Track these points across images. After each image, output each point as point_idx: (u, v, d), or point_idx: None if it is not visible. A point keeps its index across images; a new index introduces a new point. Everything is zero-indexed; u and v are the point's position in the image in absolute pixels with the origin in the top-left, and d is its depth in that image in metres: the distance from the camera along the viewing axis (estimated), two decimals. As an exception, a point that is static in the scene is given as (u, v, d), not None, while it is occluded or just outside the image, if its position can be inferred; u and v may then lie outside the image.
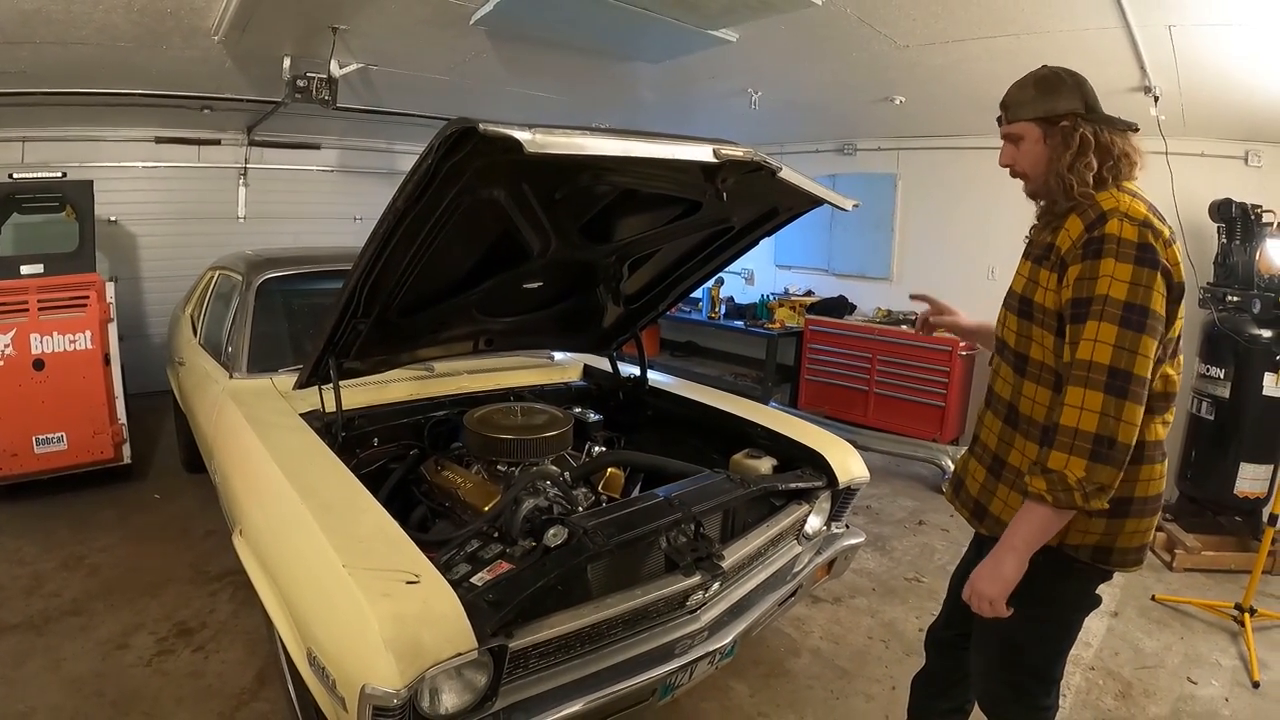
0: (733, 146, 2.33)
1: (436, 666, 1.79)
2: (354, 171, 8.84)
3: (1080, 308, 1.78)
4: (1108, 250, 1.75)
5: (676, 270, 3.62)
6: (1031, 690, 2.15)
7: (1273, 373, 4.72)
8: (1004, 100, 2.04)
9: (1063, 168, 1.90)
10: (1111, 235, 1.76)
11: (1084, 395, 1.73)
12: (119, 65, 5.27)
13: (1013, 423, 2.04)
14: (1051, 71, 1.97)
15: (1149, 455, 1.91)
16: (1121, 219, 1.77)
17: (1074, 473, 1.73)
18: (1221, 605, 4.19)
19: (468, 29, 4.59)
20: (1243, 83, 4.47)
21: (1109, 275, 1.74)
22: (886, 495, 5.97)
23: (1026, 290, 1.99)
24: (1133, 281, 1.73)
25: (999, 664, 2.17)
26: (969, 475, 2.21)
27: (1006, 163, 2.08)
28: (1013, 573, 1.86)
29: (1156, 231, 1.77)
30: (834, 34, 4.58)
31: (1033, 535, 1.85)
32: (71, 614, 3.74)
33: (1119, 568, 1.98)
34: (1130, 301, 1.72)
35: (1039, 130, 1.96)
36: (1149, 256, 1.74)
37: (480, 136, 1.83)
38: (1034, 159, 1.99)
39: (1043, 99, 1.94)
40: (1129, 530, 1.93)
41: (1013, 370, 2.05)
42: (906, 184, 7.73)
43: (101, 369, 5.08)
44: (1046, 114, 1.94)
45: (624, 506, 2.56)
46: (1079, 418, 1.73)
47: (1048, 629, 2.04)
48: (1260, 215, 5.04)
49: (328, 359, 2.95)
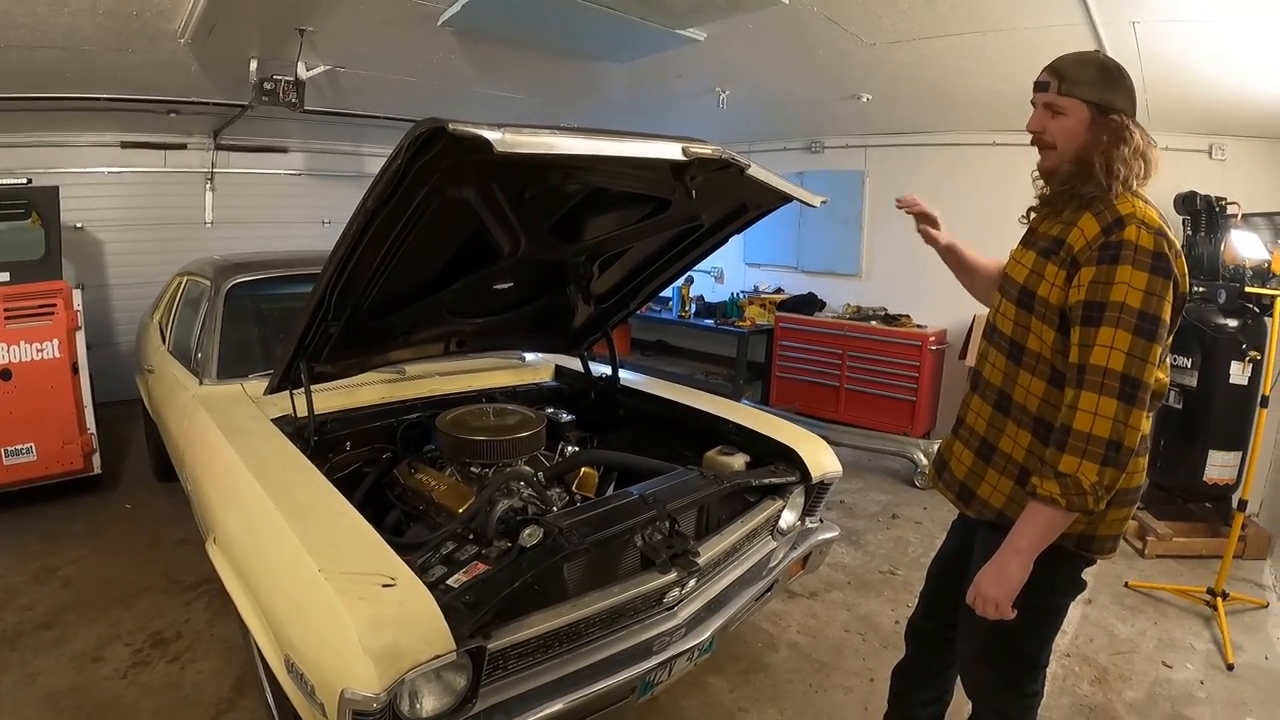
0: (701, 144, 2.34)
1: (415, 669, 1.79)
2: (322, 175, 8.77)
3: (1093, 311, 1.79)
4: (1125, 257, 1.77)
5: (647, 269, 3.63)
6: (1020, 677, 2.18)
7: (1239, 361, 4.79)
8: (1058, 69, 1.98)
9: (1114, 159, 1.89)
10: (1129, 242, 1.78)
11: (1098, 401, 1.75)
12: (84, 69, 5.22)
13: (1004, 409, 2.06)
14: (1114, 64, 1.96)
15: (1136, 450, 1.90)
16: (1139, 226, 1.79)
17: (1087, 476, 1.75)
18: (1194, 590, 4.26)
19: (435, 30, 4.58)
20: (1206, 77, 4.54)
21: (1126, 283, 1.76)
22: (859, 490, 6.01)
23: (1029, 282, 2.00)
24: (1148, 290, 1.75)
25: (989, 652, 2.19)
26: (954, 458, 2.23)
27: (1037, 129, 2.02)
28: (1019, 575, 1.88)
29: (1170, 241, 1.79)
30: (801, 32, 4.60)
31: (1040, 537, 1.87)
32: (45, 627, 3.69)
33: (1099, 554, 2.03)
34: (1145, 310, 1.75)
35: (1089, 114, 1.93)
36: (1164, 266, 1.76)
37: (449, 136, 1.83)
38: (1072, 137, 1.95)
39: (1104, 86, 1.92)
40: (1110, 519, 1.97)
41: (1006, 357, 2.06)
42: (874, 180, 7.78)
43: (70, 378, 5.01)
44: (1103, 102, 1.92)
45: (598, 505, 2.56)
46: (1092, 423, 1.75)
47: (1037, 616, 2.06)
48: (1225, 207, 5.12)
49: (299, 363, 2.93)
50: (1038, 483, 1.82)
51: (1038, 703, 2.22)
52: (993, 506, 2.07)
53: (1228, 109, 5.06)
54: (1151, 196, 1.96)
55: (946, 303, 6.65)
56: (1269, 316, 4.36)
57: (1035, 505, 1.85)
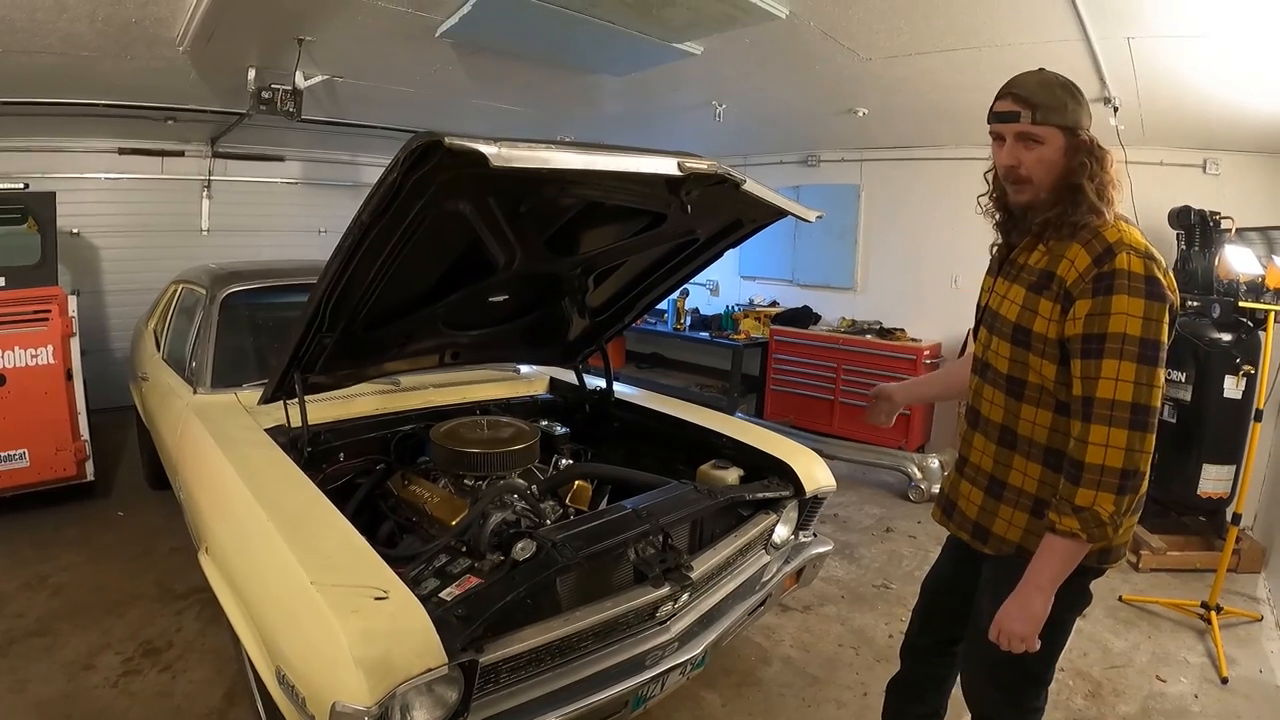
0: (697, 159, 2.34)
1: (407, 683, 1.78)
2: (318, 184, 8.79)
3: (1094, 344, 1.79)
4: (1119, 286, 1.76)
5: (642, 282, 3.64)
6: (1025, 693, 2.18)
7: (1233, 375, 4.80)
8: (1026, 97, 1.88)
9: (1105, 182, 1.87)
10: (1122, 270, 1.76)
11: (1109, 433, 1.75)
12: (83, 75, 5.22)
13: (1010, 444, 2.05)
14: (1068, 79, 1.90)
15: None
16: (1129, 252, 1.78)
17: (1105, 508, 1.76)
18: (1188, 604, 4.27)
19: (433, 41, 4.59)
20: (1200, 92, 4.57)
21: (1124, 313, 1.75)
22: (854, 503, 6.00)
23: (1023, 319, 1.96)
24: (1145, 316, 1.74)
25: (994, 671, 2.18)
26: (962, 498, 2.22)
27: (1013, 163, 1.94)
28: (1042, 609, 1.88)
29: (1158, 262, 1.79)
30: (798, 47, 4.62)
31: (1061, 571, 1.87)
32: (36, 635, 3.68)
33: (1111, 564, 2.04)
34: (1145, 337, 1.74)
35: (1064, 140, 1.88)
36: (1157, 290, 1.76)
37: (445, 150, 1.84)
38: (1050, 167, 1.90)
39: (1074, 108, 1.88)
40: (1124, 529, 1.91)
41: (1005, 394, 2.05)
42: (869, 195, 7.81)
43: (64, 384, 5.00)
44: (1075, 125, 1.88)
45: (592, 519, 2.56)
46: (1105, 455, 1.75)
47: (1046, 633, 2.01)
48: (1218, 222, 5.14)
49: (293, 374, 2.93)
50: (1056, 519, 1.82)
51: (1041, 718, 2.23)
52: (1011, 541, 2.06)
53: (1222, 124, 5.09)
54: (1145, 212, 1.97)
55: (941, 317, 6.68)
56: (1263, 331, 4.37)
57: (1055, 540, 1.84)
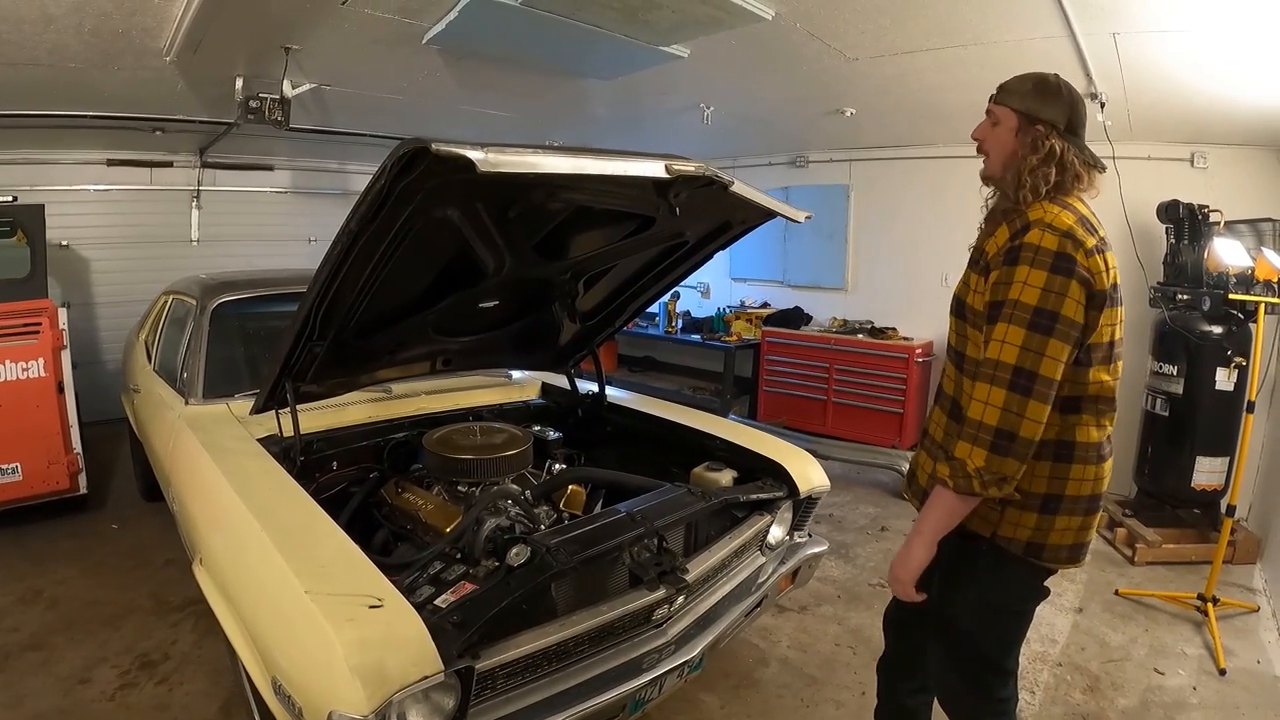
0: (684, 162, 2.34)
1: (403, 690, 1.78)
2: (307, 192, 8.78)
3: (995, 310, 1.89)
4: (1024, 258, 1.85)
5: (632, 286, 3.64)
6: (987, 681, 2.20)
7: (1224, 368, 4.83)
8: (1002, 84, 2.09)
9: (1025, 168, 1.98)
10: (1030, 244, 1.85)
11: (989, 391, 1.84)
12: (70, 86, 5.22)
13: (957, 417, 2.09)
14: (1056, 81, 2.03)
15: (1080, 456, 1.98)
16: (1044, 229, 1.86)
17: (974, 461, 1.84)
18: (1184, 596, 4.29)
19: (420, 48, 4.60)
20: (1186, 86, 4.59)
21: (1022, 281, 1.83)
22: (848, 503, 6.01)
23: (960, 292, 2.11)
24: (1045, 288, 1.81)
25: (952, 653, 2.23)
26: (919, 467, 2.29)
27: (978, 136, 2.15)
28: (920, 556, 2.00)
29: (1078, 242, 1.85)
30: (784, 48, 4.63)
31: (938, 520, 1.98)
32: (31, 649, 3.66)
33: (1053, 564, 2.04)
34: (1041, 306, 1.81)
35: (1016, 121, 2.02)
36: (1065, 265, 1.82)
37: (432, 156, 1.83)
38: (1001, 144, 2.06)
39: (1034, 98, 2.01)
40: (1060, 528, 1.99)
41: (955, 368, 2.14)
42: (859, 194, 7.82)
43: (55, 397, 4.98)
44: (1029, 112, 2.00)
45: (586, 523, 2.56)
46: (983, 411, 1.84)
47: (999, 617, 2.12)
48: (1207, 215, 5.16)
49: (284, 383, 2.92)
50: (936, 466, 1.96)
51: (1011, 708, 2.24)
52: None
53: (1209, 117, 5.11)
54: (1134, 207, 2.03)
55: (932, 315, 6.66)
56: (1253, 322, 4.39)
57: (936, 489, 1.97)
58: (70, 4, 3.81)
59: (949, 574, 2.13)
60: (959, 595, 2.13)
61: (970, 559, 2.08)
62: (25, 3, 3.76)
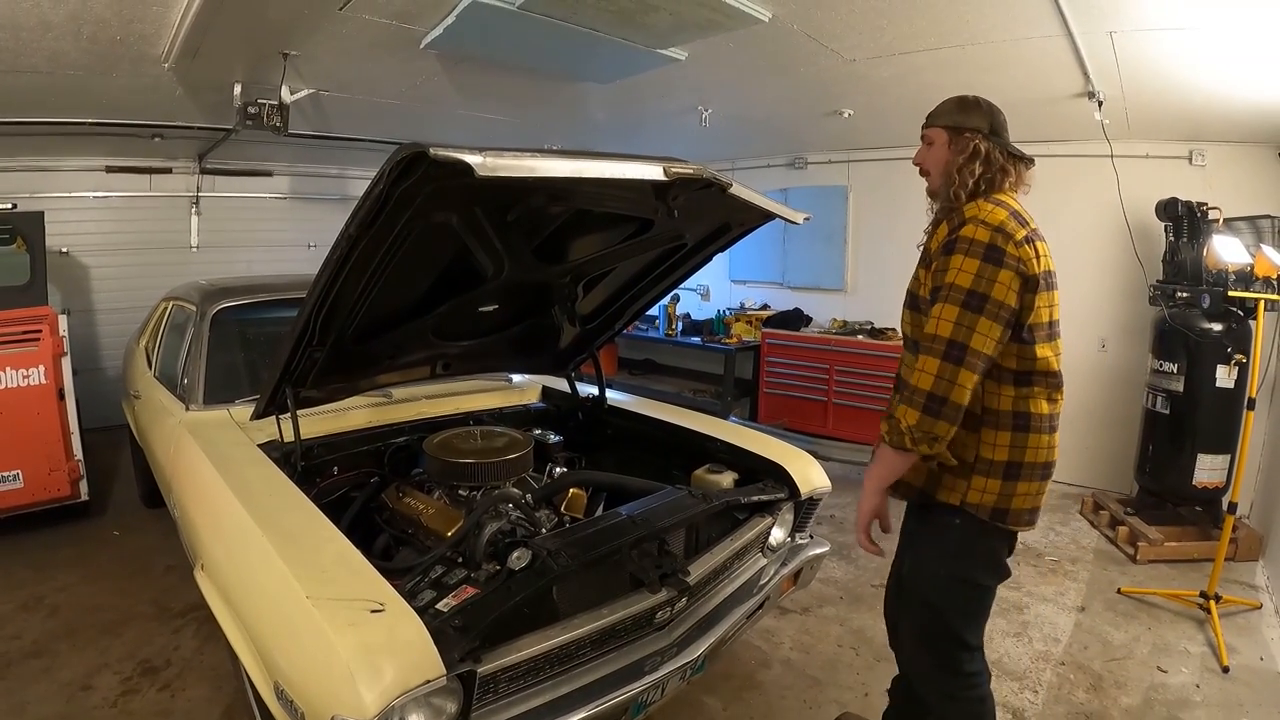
0: (683, 164, 2.34)
1: (405, 695, 1.77)
2: (306, 198, 8.80)
3: (935, 294, 2.13)
4: (959, 248, 2.10)
5: (632, 288, 3.64)
6: (954, 657, 2.37)
7: (1224, 365, 4.83)
8: (930, 112, 2.40)
9: (954, 167, 2.25)
10: (965, 237, 2.10)
11: (925, 360, 2.08)
12: (69, 93, 5.23)
13: None
14: (973, 98, 2.35)
15: (1035, 426, 2.19)
16: (977, 224, 2.11)
17: (907, 420, 2.09)
18: (1187, 594, 4.28)
19: (418, 53, 4.61)
20: (1184, 84, 4.59)
21: (957, 268, 2.08)
22: (849, 504, 5.97)
23: (912, 286, 2.35)
24: (977, 274, 2.06)
25: (921, 633, 2.44)
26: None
27: (918, 161, 2.43)
28: (869, 507, 2.30)
29: (1008, 235, 2.09)
30: (782, 50, 4.64)
31: (881, 473, 2.25)
32: (33, 656, 3.66)
33: (1015, 526, 2.26)
34: (973, 289, 2.05)
35: (946, 136, 2.32)
36: (995, 256, 2.07)
37: (431, 161, 1.83)
38: (937, 160, 2.34)
39: (958, 113, 2.32)
40: (1021, 492, 2.21)
41: (911, 354, 2.30)
42: (857, 195, 7.84)
43: (56, 404, 4.99)
44: (956, 125, 2.30)
45: (587, 526, 2.56)
46: (918, 378, 2.08)
47: (964, 589, 2.32)
48: (1206, 212, 5.16)
49: (284, 388, 2.92)
50: (881, 425, 2.19)
51: (982, 681, 2.41)
52: (913, 486, 2.34)
53: (1206, 115, 5.11)
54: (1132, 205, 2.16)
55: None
56: (1253, 320, 4.39)
57: (877, 445, 2.23)
58: (69, 11, 3.81)
59: (920, 549, 2.40)
60: (928, 569, 2.35)
61: (939, 531, 2.31)
62: (23, 10, 3.77)
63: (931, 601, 2.35)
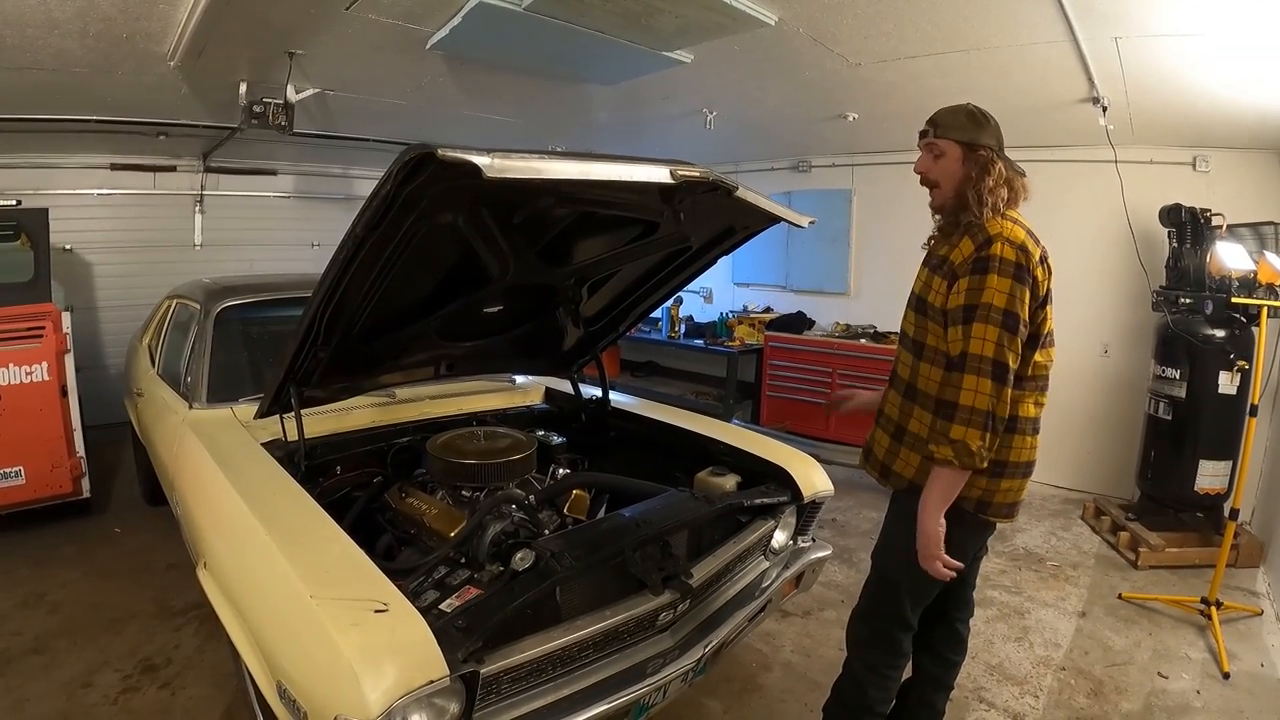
0: (689, 167, 2.35)
1: (408, 695, 1.77)
2: (311, 197, 8.79)
3: (970, 311, 2.20)
4: (992, 267, 2.18)
5: (636, 291, 3.64)
6: (890, 632, 2.57)
7: (1227, 371, 4.84)
8: (934, 119, 2.41)
9: (982, 189, 2.27)
10: (995, 256, 2.18)
11: (977, 381, 2.17)
12: (74, 91, 5.23)
13: (912, 397, 2.45)
14: (979, 110, 2.38)
15: (1021, 428, 2.34)
16: (1004, 242, 2.19)
17: (973, 441, 2.17)
18: (1188, 600, 4.28)
19: (424, 53, 4.61)
20: (1188, 90, 4.59)
21: (993, 288, 2.17)
22: (851, 507, 6.00)
23: (922, 292, 2.42)
24: (1010, 294, 2.16)
25: (874, 604, 2.63)
26: (876, 443, 2.62)
27: (922, 170, 2.44)
28: (933, 527, 2.28)
29: (1029, 253, 2.20)
30: (787, 54, 4.64)
31: (944, 494, 2.28)
32: (34, 653, 3.66)
33: (995, 518, 2.43)
34: (1008, 309, 2.16)
35: (960, 151, 2.34)
36: (1022, 275, 2.18)
37: (438, 162, 1.83)
38: (949, 174, 2.36)
39: (971, 128, 2.34)
40: (1004, 488, 2.37)
41: (912, 355, 2.46)
42: (861, 199, 7.85)
43: (58, 401, 4.99)
44: (971, 141, 2.32)
45: (590, 528, 2.57)
46: (974, 399, 2.17)
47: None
48: (1209, 219, 5.16)
49: (288, 388, 2.92)
50: (935, 449, 2.24)
51: (903, 664, 2.65)
52: (904, 478, 2.47)
53: (1210, 121, 5.11)
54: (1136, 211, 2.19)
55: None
56: (1255, 326, 4.39)
57: (936, 469, 2.27)
58: (74, 9, 3.81)
59: (893, 530, 2.54)
60: (896, 545, 2.46)
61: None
62: (29, 7, 3.77)
63: (890, 578, 2.55)
